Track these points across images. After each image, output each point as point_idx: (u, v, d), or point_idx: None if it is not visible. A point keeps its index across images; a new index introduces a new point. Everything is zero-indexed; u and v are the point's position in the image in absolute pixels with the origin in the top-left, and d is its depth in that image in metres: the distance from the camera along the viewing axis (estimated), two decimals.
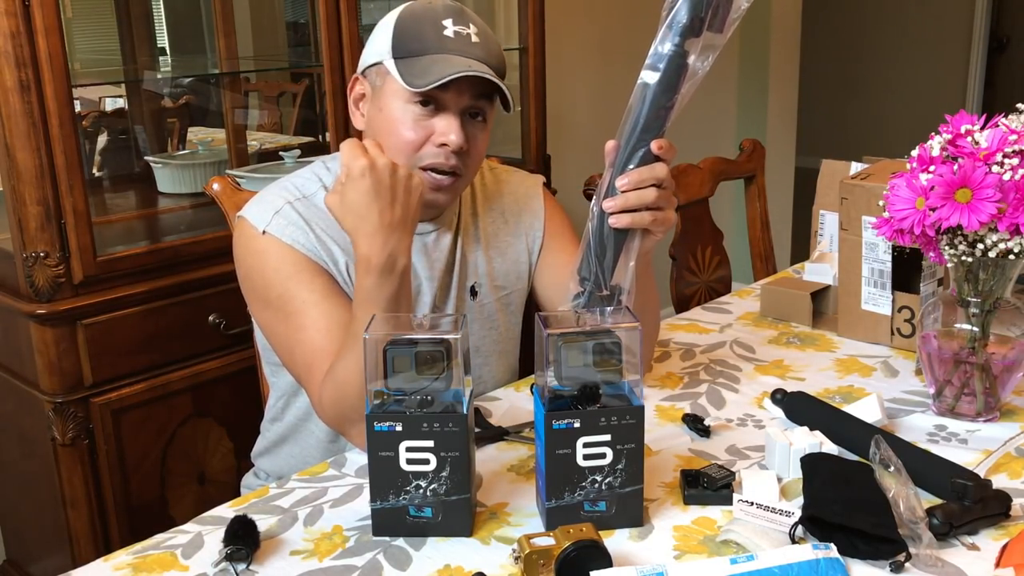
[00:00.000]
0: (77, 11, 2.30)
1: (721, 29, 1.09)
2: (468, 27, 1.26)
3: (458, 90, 1.24)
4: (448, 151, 1.26)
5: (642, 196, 1.12)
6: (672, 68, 1.08)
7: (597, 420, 1.01)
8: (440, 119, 1.26)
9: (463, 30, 1.25)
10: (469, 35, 1.26)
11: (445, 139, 1.25)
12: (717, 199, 2.21)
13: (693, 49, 1.08)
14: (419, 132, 1.26)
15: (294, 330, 1.26)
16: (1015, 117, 1.20)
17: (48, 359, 1.78)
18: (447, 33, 1.25)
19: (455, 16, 1.26)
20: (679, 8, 1.06)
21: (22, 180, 1.69)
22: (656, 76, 1.08)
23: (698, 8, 1.06)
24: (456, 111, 1.26)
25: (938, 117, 1.23)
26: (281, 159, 2.34)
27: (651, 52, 1.09)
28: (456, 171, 1.28)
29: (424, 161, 1.27)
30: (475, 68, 1.22)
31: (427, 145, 1.26)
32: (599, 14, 3.37)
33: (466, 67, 1.22)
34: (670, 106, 1.09)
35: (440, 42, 1.24)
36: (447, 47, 1.24)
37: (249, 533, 1.01)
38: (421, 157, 1.27)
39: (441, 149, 1.26)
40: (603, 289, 1.14)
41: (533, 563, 0.94)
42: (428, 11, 1.27)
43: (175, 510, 1.95)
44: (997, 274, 1.23)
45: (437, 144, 1.26)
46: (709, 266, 2.20)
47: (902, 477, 1.02)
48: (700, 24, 1.07)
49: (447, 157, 1.26)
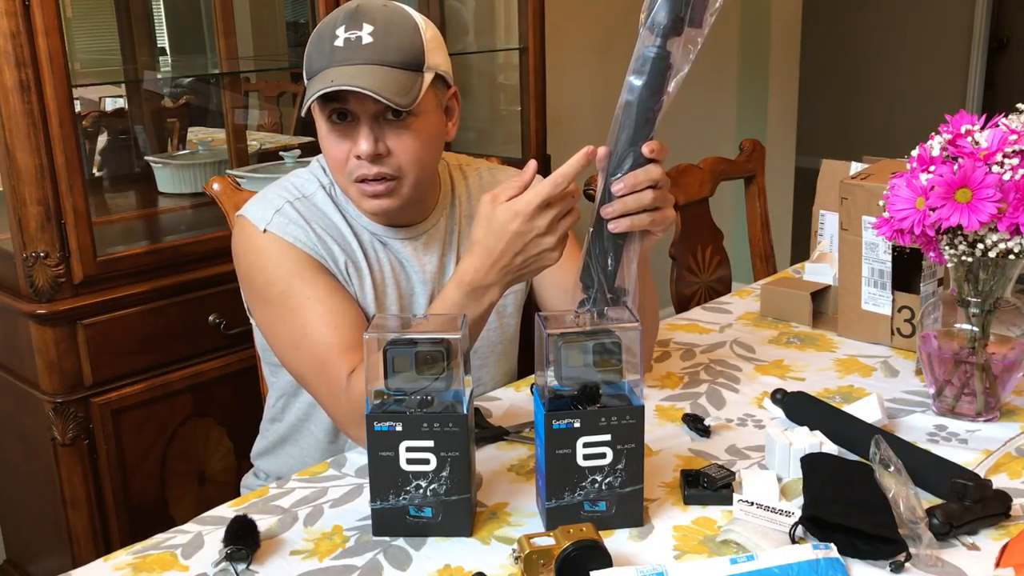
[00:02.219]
0: (77, 11, 2.30)
1: (700, 24, 1.08)
2: (361, 28, 1.22)
3: (357, 98, 1.22)
4: (364, 162, 1.25)
5: (639, 199, 1.12)
6: (657, 70, 1.07)
7: (597, 420, 1.01)
8: (354, 131, 1.25)
9: (354, 34, 1.22)
10: (360, 38, 1.22)
11: (357, 151, 1.24)
12: (717, 199, 2.21)
13: (675, 48, 1.08)
14: (341, 148, 1.26)
15: (299, 327, 1.26)
16: (1015, 117, 1.20)
17: (48, 359, 1.78)
18: (337, 43, 1.22)
19: (348, 20, 1.23)
20: (657, 9, 1.06)
21: (22, 180, 1.69)
22: (642, 80, 1.08)
23: (677, 7, 1.06)
24: (366, 119, 1.24)
25: (938, 117, 1.23)
26: (281, 159, 2.34)
27: (634, 56, 1.08)
28: (385, 176, 1.26)
29: (354, 175, 1.27)
30: (341, 80, 1.19)
31: (350, 159, 1.26)
32: (599, 14, 3.37)
33: (330, 80, 1.19)
34: (658, 108, 1.09)
35: (329, 56, 1.22)
36: (334, 59, 1.22)
37: (249, 533, 1.01)
38: (350, 172, 1.27)
39: (360, 161, 1.25)
40: (607, 293, 1.14)
41: (533, 563, 0.94)
42: (328, 23, 1.25)
43: (175, 510, 1.95)
44: (997, 274, 1.22)
45: (355, 156, 1.25)
46: (709, 266, 2.20)
47: (902, 477, 1.02)
48: (680, 23, 1.06)
49: (368, 168, 1.25)
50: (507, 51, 2.79)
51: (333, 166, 1.30)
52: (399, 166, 1.26)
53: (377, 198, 1.28)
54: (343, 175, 1.28)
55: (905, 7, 6.50)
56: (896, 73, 6.63)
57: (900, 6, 6.52)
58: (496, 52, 2.88)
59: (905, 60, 6.57)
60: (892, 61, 6.64)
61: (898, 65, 6.61)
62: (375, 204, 1.29)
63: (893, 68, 6.64)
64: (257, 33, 2.64)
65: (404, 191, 1.29)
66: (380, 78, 1.20)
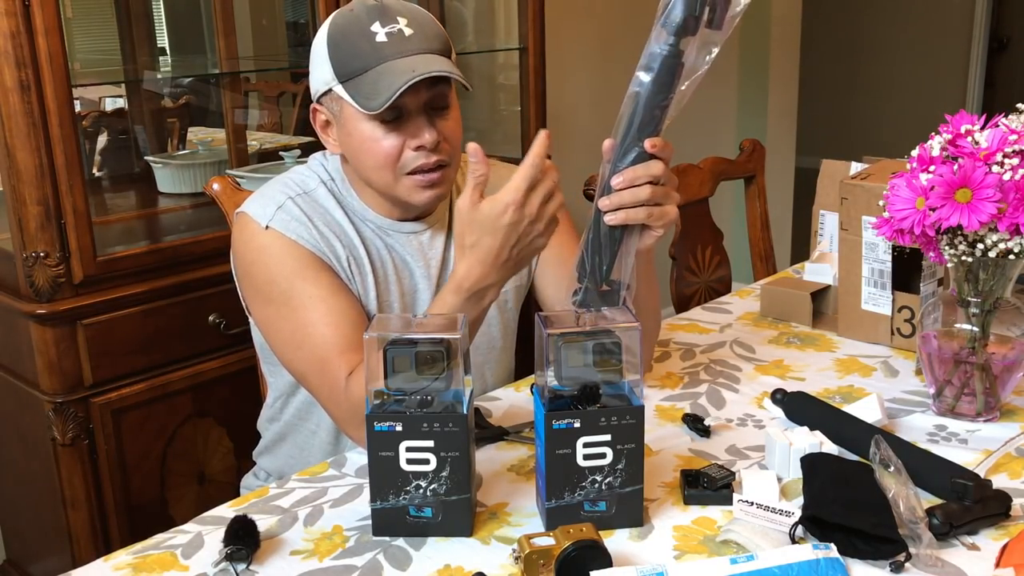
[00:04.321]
0: (77, 11, 2.30)
1: (720, 26, 1.08)
2: (397, 22, 1.23)
3: (413, 91, 1.23)
4: (426, 151, 1.27)
5: (636, 193, 1.12)
6: (666, 68, 1.07)
7: (597, 420, 1.01)
8: (408, 124, 1.26)
9: (393, 28, 1.23)
10: (401, 31, 1.23)
11: (420, 142, 1.26)
12: (717, 199, 2.21)
13: (689, 47, 1.08)
14: (393, 144, 1.26)
15: (300, 327, 1.26)
16: (1015, 117, 1.20)
17: (48, 359, 1.78)
18: (380, 39, 1.22)
19: (380, 16, 1.24)
20: (673, 7, 1.06)
21: (22, 180, 1.69)
22: (650, 76, 1.08)
23: (692, 7, 1.05)
24: (419, 111, 1.26)
25: (938, 117, 1.23)
26: (281, 159, 2.34)
27: (645, 51, 1.08)
28: (441, 163, 1.29)
29: (408, 168, 1.27)
30: (419, 68, 1.21)
31: (404, 152, 1.27)
32: (599, 14, 3.37)
33: (410, 70, 1.20)
34: (665, 105, 1.09)
35: (377, 52, 1.22)
36: (385, 55, 1.22)
37: (249, 533, 1.01)
38: (404, 165, 1.27)
39: (419, 152, 1.26)
40: (600, 285, 1.14)
41: (533, 563, 0.94)
42: (354, 22, 1.25)
43: (175, 510, 1.95)
44: (997, 274, 1.22)
45: (413, 149, 1.26)
46: (709, 266, 2.20)
47: (902, 477, 1.02)
48: (695, 23, 1.06)
49: (427, 157, 1.27)
50: (507, 51, 2.78)
51: (381, 163, 1.28)
52: (450, 152, 1.30)
53: (433, 187, 1.30)
54: (392, 171, 1.28)
55: (905, 7, 6.50)
56: (896, 73, 6.62)
57: (900, 6, 6.51)
58: (496, 52, 2.88)
59: (905, 60, 6.57)
60: (892, 61, 6.64)
61: (898, 65, 6.61)
62: (430, 194, 1.30)
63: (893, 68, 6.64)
64: (257, 33, 2.64)
65: (452, 175, 1.33)
66: (440, 64, 1.23)
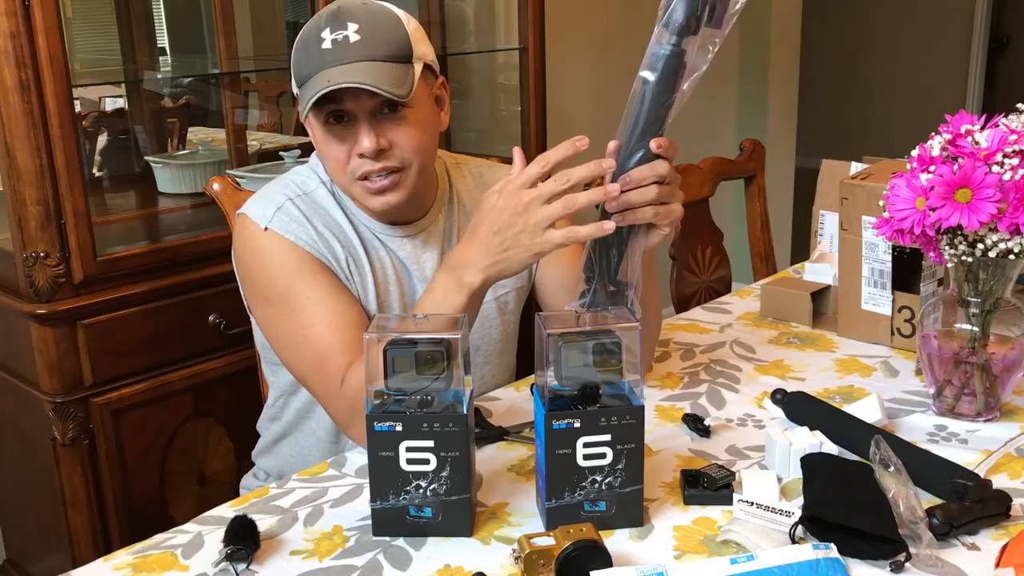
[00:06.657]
0: (77, 11, 2.30)
1: (719, 25, 1.09)
2: (346, 28, 1.22)
3: (354, 97, 1.22)
4: (369, 159, 1.26)
5: (643, 194, 1.12)
6: (669, 68, 1.08)
7: (597, 420, 1.01)
8: (353, 130, 1.26)
9: (340, 35, 1.22)
10: (347, 37, 1.22)
11: (360, 149, 1.25)
12: (717, 199, 2.21)
13: (691, 47, 1.08)
14: (342, 149, 1.27)
15: (300, 326, 1.26)
16: (1015, 117, 1.20)
17: (48, 359, 1.78)
18: (325, 46, 1.22)
19: (332, 22, 1.23)
20: (674, 7, 1.06)
21: (22, 180, 1.69)
22: (654, 76, 1.08)
23: (694, 7, 1.06)
24: (364, 116, 1.25)
25: (938, 117, 1.23)
26: (281, 159, 2.34)
27: (648, 52, 1.09)
28: (389, 169, 1.27)
29: (356, 174, 1.27)
30: (342, 78, 1.19)
31: (352, 158, 1.27)
32: (599, 14, 3.37)
33: (327, 81, 1.19)
34: (669, 105, 1.09)
35: (319, 59, 1.22)
36: (325, 62, 1.22)
37: (249, 533, 1.01)
38: (352, 171, 1.27)
39: (363, 159, 1.26)
40: (608, 286, 1.14)
41: (533, 563, 0.94)
42: (312, 28, 1.25)
43: (175, 510, 1.95)
44: (997, 274, 1.22)
45: (358, 155, 1.26)
46: (709, 266, 2.20)
47: (902, 477, 1.02)
48: (697, 22, 1.07)
49: (372, 163, 1.26)
50: (507, 51, 2.78)
51: (334, 168, 1.30)
52: (402, 157, 1.27)
53: (383, 194, 1.28)
54: (345, 176, 1.29)
55: (905, 7, 6.49)
56: (896, 73, 6.62)
57: (900, 6, 6.51)
58: (496, 52, 2.88)
59: (905, 60, 6.56)
60: (892, 61, 6.63)
61: (898, 65, 6.61)
62: (381, 200, 1.29)
63: (893, 68, 6.63)
64: (257, 33, 2.64)
65: (409, 182, 1.30)
66: (375, 73, 1.21)
